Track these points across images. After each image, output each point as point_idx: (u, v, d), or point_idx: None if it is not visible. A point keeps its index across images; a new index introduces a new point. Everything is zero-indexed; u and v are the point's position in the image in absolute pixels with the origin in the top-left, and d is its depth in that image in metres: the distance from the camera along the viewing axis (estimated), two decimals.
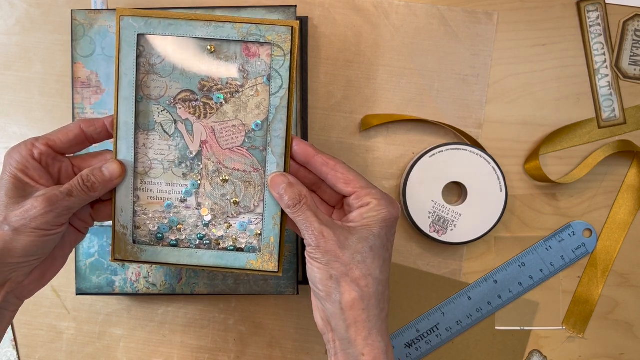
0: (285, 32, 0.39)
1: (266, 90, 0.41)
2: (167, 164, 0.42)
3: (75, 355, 0.55)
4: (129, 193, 0.42)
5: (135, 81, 0.40)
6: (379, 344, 0.37)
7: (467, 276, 0.55)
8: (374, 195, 0.39)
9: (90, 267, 0.51)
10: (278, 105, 0.40)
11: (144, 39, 0.40)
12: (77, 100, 0.50)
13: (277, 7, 0.49)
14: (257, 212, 0.43)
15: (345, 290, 0.37)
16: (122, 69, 0.40)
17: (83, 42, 0.50)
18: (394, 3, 0.54)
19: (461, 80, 0.54)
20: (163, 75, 0.41)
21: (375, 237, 0.38)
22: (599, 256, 0.55)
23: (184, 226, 0.43)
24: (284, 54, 0.40)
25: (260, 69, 0.41)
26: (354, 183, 0.40)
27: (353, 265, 0.37)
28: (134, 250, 0.43)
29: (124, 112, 0.41)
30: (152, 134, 0.42)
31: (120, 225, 0.42)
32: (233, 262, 0.43)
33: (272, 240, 0.42)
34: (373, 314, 0.37)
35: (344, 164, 0.40)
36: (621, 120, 0.55)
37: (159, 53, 0.41)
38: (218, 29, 0.39)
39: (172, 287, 0.51)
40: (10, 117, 0.55)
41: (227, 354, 0.55)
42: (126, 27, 0.39)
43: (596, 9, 0.54)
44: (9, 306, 0.40)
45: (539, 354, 0.55)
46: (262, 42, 0.40)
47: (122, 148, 0.41)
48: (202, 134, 0.42)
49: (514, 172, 0.55)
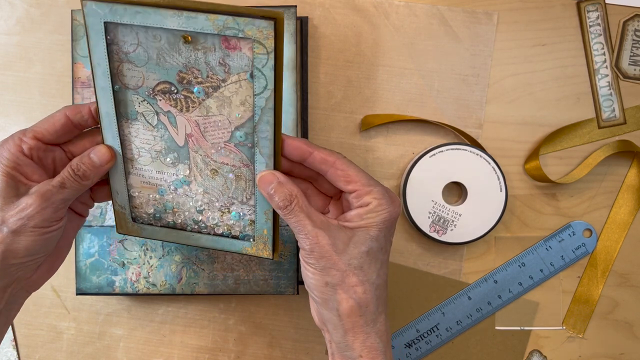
0: (267, 27, 0.33)
1: (250, 87, 0.36)
2: (155, 153, 0.41)
3: (75, 355, 0.55)
4: (122, 177, 0.41)
5: (109, 70, 0.38)
6: (377, 345, 0.37)
7: (467, 276, 0.55)
8: (374, 194, 0.37)
9: (90, 267, 0.51)
10: (263, 107, 0.36)
11: (112, 25, 0.36)
12: (77, 100, 0.50)
13: (277, 8, 0.49)
14: (249, 204, 0.41)
15: (342, 299, 0.36)
16: (95, 58, 0.37)
17: (83, 42, 0.50)
18: (394, 3, 0.54)
19: (461, 80, 0.54)
20: (138, 64, 0.38)
21: (372, 240, 0.37)
22: (599, 256, 0.55)
23: (179, 211, 0.42)
24: (266, 52, 0.34)
25: (243, 63, 0.36)
26: (354, 181, 0.37)
27: (349, 272, 0.36)
28: (134, 228, 0.43)
29: (103, 102, 0.39)
30: (135, 123, 0.40)
31: (119, 205, 0.42)
32: (229, 246, 0.42)
33: (265, 232, 0.41)
34: (371, 319, 0.37)
35: (343, 159, 0.38)
36: (621, 120, 0.55)
37: (131, 41, 0.37)
38: (190, 20, 0.34)
39: (172, 287, 0.51)
40: (11, 117, 0.55)
41: (227, 354, 0.55)
42: (91, 14, 0.36)
43: (596, 9, 0.54)
44: (17, 299, 0.39)
45: (539, 354, 0.55)
46: (241, 38, 0.35)
47: (108, 137, 0.40)
48: (186, 127, 0.39)
49: (514, 172, 0.55)
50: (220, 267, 0.50)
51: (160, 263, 0.51)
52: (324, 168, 0.38)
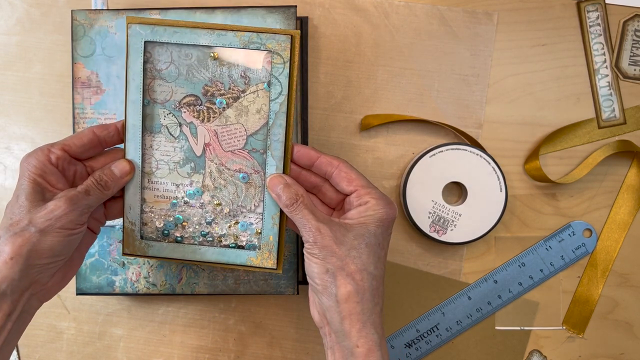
0: (285, 40, 0.41)
1: (266, 95, 0.42)
2: (173, 164, 0.44)
3: (75, 355, 0.55)
4: (137, 192, 0.44)
5: (142, 86, 0.42)
6: (372, 336, 0.38)
7: (467, 276, 0.55)
8: (372, 194, 0.41)
9: (91, 267, 0.51)
10: (277, 111, 0.42)
11: (150, 45, 0.42)
12: (78, 100, 0.50)
13: (277, 8, 0.49)
14: (257, 212, 0.44)
15: (341, 284, 0.38)
16: (130, 74, 0.42)
17: (83, 42, 0.50)
18: (394, 3, 0.54)
19: (461, 80, 0.54)
20: (169, 80, 0.43)
21: (371, 235, 0.40)
22: (599, 256, 0.55)
23: (188, 224, 0.45)
24: (283, 61, 0.41)
25: (261, 75, 0.42)
26: (356, 182, 0.41)
27: (349, 260, 0.39)
28: (141, 246, 0.45)
29: (132, 115, 0.43)
30: (159, 136, 0.44)
31: (129, 222, 0.45)
32: (234, 258, 0.45)
33: (271, 239, 0.44)
34: (367, 307, 0.38)
35: (347, 164, 0.42)
36: (621, 120, 0.55)
37: (165, 59, 0.43)
38: (221, 37, 0.41)
39: (172, 287, 0.51)
40: (11, 117, 0.55)
41: (227, 353, 0.55)
42: (134, 35, 0.42)
43: (596, 9, 0.54)
44: (30, 309, 0.40)
45: (539, 354, 0.55)
46: (263, 50, 0.41)
47: (130, 149, 0.44)
48: (205, 137, 0.44)
49: (514, 172, 0.55)
50: (221, 267, 0.50)
51: (161, 263, 0.51)
52: (329, 170, 0.42)
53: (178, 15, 0.49)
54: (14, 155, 0.55)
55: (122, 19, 0.49)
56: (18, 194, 0.39)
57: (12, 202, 0.39)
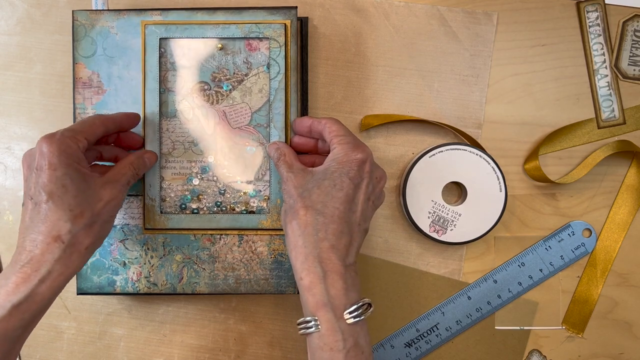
0: (280, 28, 0.48)
1: (266, 76, 0.49)
2: (187, 144, 0.50)
3: (75, 355, 0.55)
4: (156, 171, 0.50)
5: (158, 77, 0.49)
6: (315, 269, 0.40)
7: (466, 276, 0.55)
8: (341, 141, 0.44)
9: (91, 267, 0.51)
10: (277, 88, 0.49)
11: (164, 41, 0.49)
12: (79, 101, 0.50)
13: (278, 9, 0.49)
14: (265, 180, 0.50)
15: (288, 220, 0.42)
16: (147, 66, 0.49)
17: (84, 42, 0.50)
18: (393, 3, 0.54)
19: (461, 81, 0.54)
20: (181, 71, 0.49)
21: (327, 177, 0.42)
22: (599, 256, 0.55)
23: (203, 196, 0.50)
24: (279, 45, 0.49)
25: (261, 59, 0.49)
26: (334, 132, 0.45)
27: (298, 199, 0.42)
28: (161, 220, 0.50)
29: (150, 103, 0.49)
30: (174, 120, 0.50)
31: (149, 199, 0.50)
32: (247, 223, 0.50)
33: (279, 202, 0.49)
34: (309, 241, 0.41)
35: (333, 120, 0.46)
36: (620, 120, 0.55)
37: (177, 53, 0.49)
38: (225, 30, 0.49)
39: (172, 286, 0.51)
40: (12, 117, 0.55)
41: (228, 353, 0.55)
42: (150, 34, 0.49)
43: (596, 9, 0.54)
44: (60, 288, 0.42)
45: (539, 354, 0.55)
46: (261, 38, 0.49)
47: (150, 133, 0.49)
48: (215, 117, 0.50)
49: (513, 172, 0.55)
50: (221, 267, 0.51)
51: (162, 263, 0.51)
52: (320, 128, 0.46)
53: (179, 16, 0.49)
54: (14, 156, 0.55)
55: (123, 19, 0.50)
56: (65, 184, 0.39)
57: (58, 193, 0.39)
